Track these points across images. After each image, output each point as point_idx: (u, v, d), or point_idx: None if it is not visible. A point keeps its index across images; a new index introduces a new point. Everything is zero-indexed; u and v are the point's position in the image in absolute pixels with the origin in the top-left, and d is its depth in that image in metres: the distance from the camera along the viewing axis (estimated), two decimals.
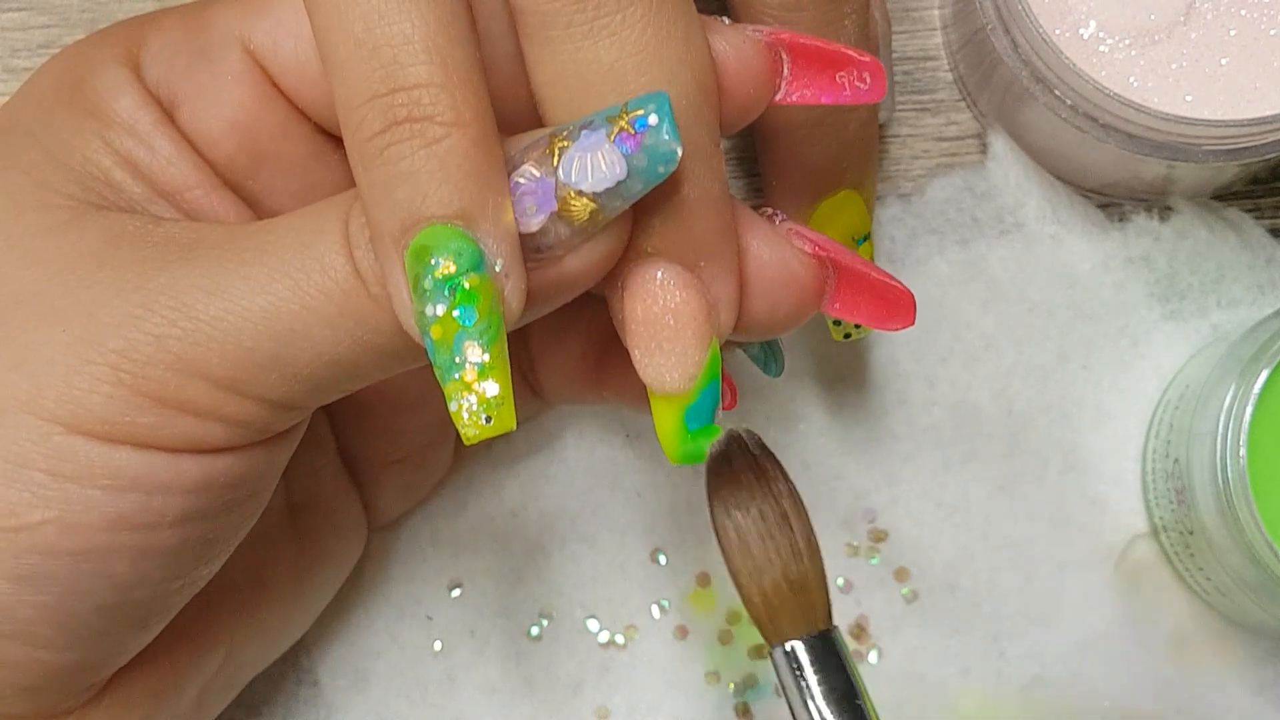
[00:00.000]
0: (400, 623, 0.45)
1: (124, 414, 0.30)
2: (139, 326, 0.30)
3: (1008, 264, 0.46)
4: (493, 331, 0.29)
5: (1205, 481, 0.41)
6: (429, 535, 0.45)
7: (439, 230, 0.29)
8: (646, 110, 0.29)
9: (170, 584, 0.33)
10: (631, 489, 0.46)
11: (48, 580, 0.31)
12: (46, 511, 0.31)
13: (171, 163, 0.34)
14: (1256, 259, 0.45)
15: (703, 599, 0.45)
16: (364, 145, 0.29)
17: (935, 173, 0.46)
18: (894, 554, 0.45)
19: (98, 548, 0.31)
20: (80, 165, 0.33)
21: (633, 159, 0.30)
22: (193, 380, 0.30)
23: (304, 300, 0.30)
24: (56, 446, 0.31)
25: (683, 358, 0.32)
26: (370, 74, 0.29)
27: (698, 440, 0.33)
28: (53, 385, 0.31)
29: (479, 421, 0.29)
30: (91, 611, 0.32)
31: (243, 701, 0.44)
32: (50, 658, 0.33)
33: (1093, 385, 0.45)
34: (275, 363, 0.31)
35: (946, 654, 0.45)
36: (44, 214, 0.32)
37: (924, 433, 0.46)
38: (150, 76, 0.35)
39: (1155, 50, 0.41)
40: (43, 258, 0.32)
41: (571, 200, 0.30)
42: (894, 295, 0.35)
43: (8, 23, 0.46)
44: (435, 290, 0.29)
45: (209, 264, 0.31)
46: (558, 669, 0.45)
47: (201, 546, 0.33)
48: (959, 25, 0.45)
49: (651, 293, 0.32)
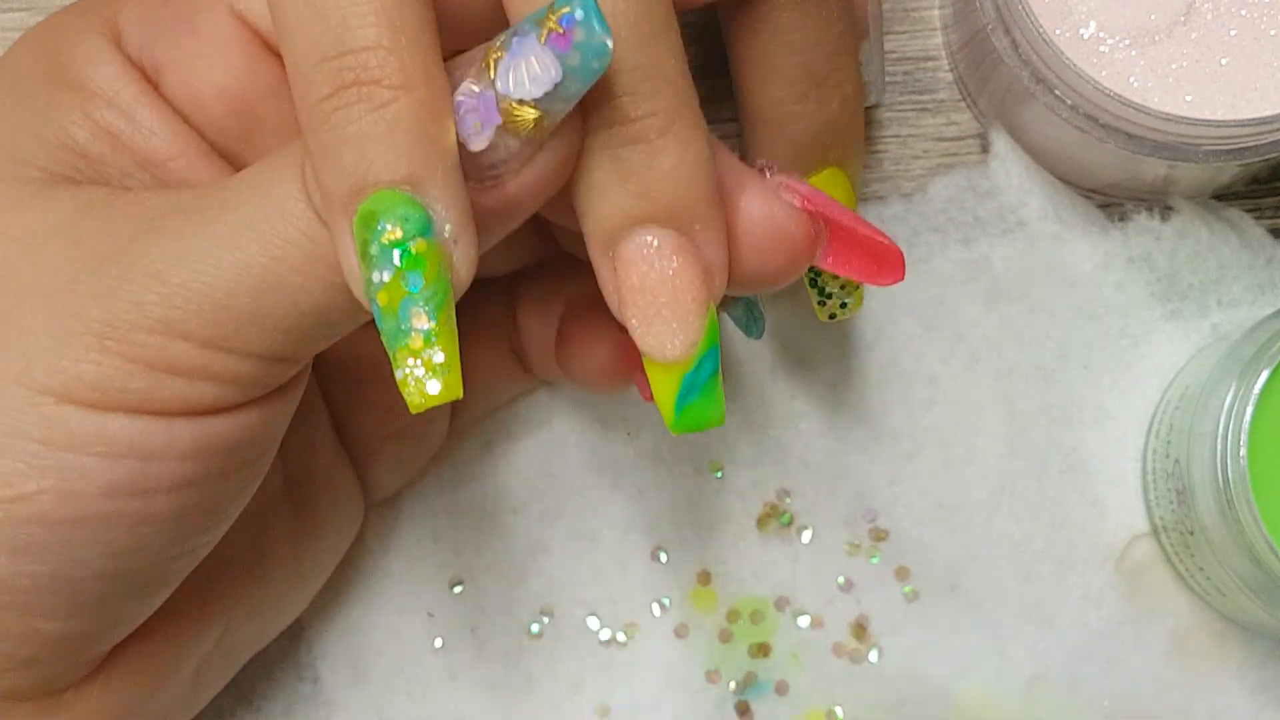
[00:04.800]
0: (401, 619, 0.45)
1: (113, 381, 0.31)
2: (118, 295, 0.30)
3: (1010, 263, 0.46)
4: (439, 298, 0.29)
5: (1206, 482, 0.41)
6: (430, 532, 0.45)
7: (387, 195, 0.29)
8: (572, 6, 0.29)
9: (169, 551, 0.33)
10: (633, 487, 0.46)
11: (45, 549, 0.31)
12: (42, 481, 0.31)
13: (154, 133, 0.34)
14: (1257, 259, 0.45)
15: (703, 597, 0.45)
16: (313, 109, 0.29)
17: (936, 172, 0.46)
18: (895, 553, 0.45)
19: (95, 515, 0.31)
20: (55, 138, 0.33)
21: (565, 58, 0.29)
22: (176, 342, 0.30)
23: (270, 251, 0.30)
24: (49, 416, 0.31)
25: (684, 324, 0.32)
26: (319, 36, 0.29)
27: (697, 408, 0.33)
28: (40, 358, 0.31)
29: (424, 389, 0.29)
30: (90, 579, 0.32)
31: (244, 698, 0.44)
32: (49, 628, 0.33)
33: (1093, 385, 0.45)
34: (253, 316, 0.31)
35: (947, 653, 0.45)
36: (15, 187, 0.33)
37: (925, 432, 0.46)
38: (132, 45, 0.35)
39: (1155, 50, 0.41)
40: (14, 234, 0.32)
41: (514, 111, 0.29)
42: (882, 251, 0.35)
43: (8, 23, 0.46)
44: (382, 256, 0.29)
45: (177, 228, 0.31)
46: (558, 666, 0.45)
47: (199, 514, 0.33)
48: (959, 26, 0.45)
49: (647, 259, 0.31)
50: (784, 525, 0.46)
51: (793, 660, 0.45)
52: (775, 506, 0.46)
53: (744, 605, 0.45)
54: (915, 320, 0.45)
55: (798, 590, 0.45)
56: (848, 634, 0.45)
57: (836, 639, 0.45)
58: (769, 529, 0.46)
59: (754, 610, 0.45)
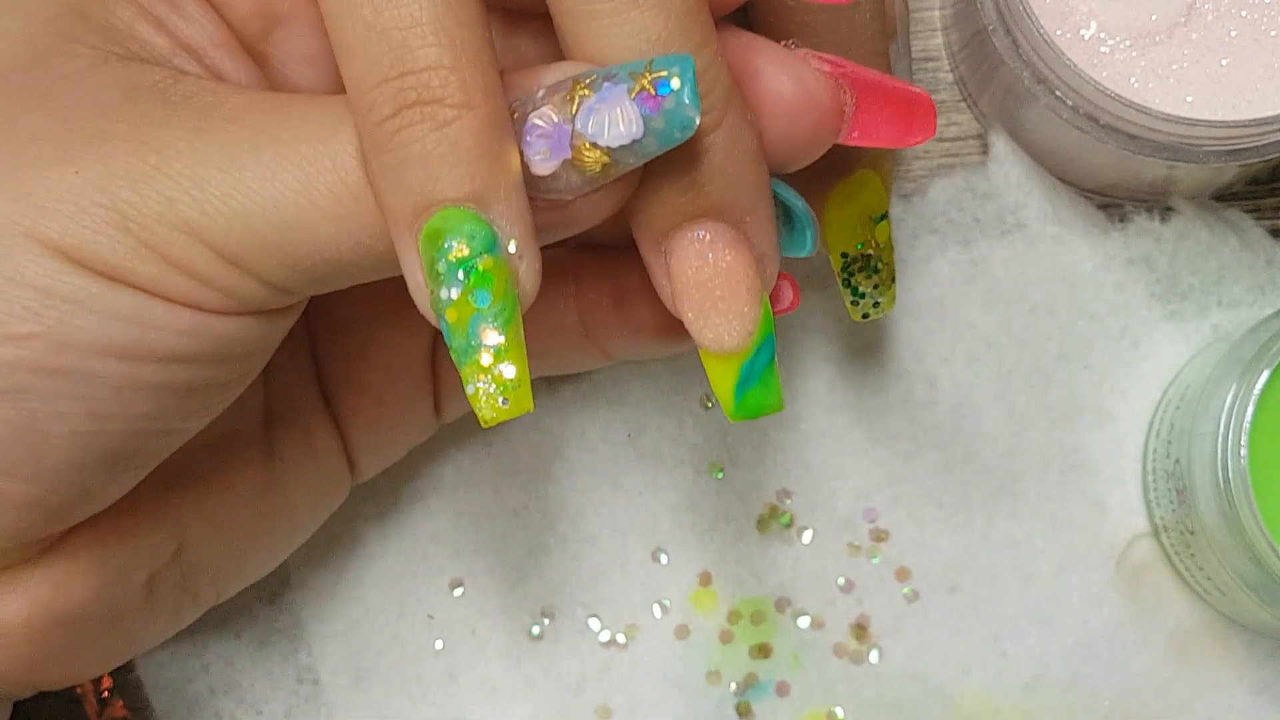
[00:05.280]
0: (401, 621, 0.45)
1: (126, 260, 0.31)
2: (152, 184, 0.31)
3: (1009, 264, 0.46)
4: (508, 313, 0.29)
5: (1206, 482, 0.41)
6: (430, 534, 0.45)
7: (452, 213, 0.29)
8: (670, 73, 0.29)
9: (147, 424, 0.33)
10: (633, 488, 0.46)
11: (27, 395, 0.31)
12: (36, 326, 0.31)
13: (194, 20, 0.34)
14: (1257, 259, 0.45)
15: (704, 598, 0.45)
16: (375, 129, 0.29)
17: (936, 173, 0.46)
18: (895, 554, 0.45)
19: (82, 370, 0.31)
20: (104, 18, 0.33)
21: (651, 120, 0.29)
22: (197, 245, 0.31)
23: (312, 196, 0.30)
24: (54, 270, 0.31)
25: (739, 316, 0.32)
26: (379, 57, 0.29)
27: (756, 395, 0.33)
28: (59, 218, 0.31)
29: (495, 404, 0.29)
30: (65, 437, 0.32)
31: (244, 699, 0.44)
32: (12, 489, 0.32)
33: (1094, 385, 0.45)
34: (276, 248, 0.31)
35: (947, 654, 0.45)
36: (66, 61, 0.32)
37: (925, 433, 0.46)
38: None
39: (1156, 51, 0.41)
40: (64, 103, 0.32)
41: (585, 151, 0.30)
42: (911, 100, 0.34)
43: None
44: (449, 273, 0.29)
45: (225, 139, 0.31)
46: (559, 668, 0.45)
47: (184, 395, 0.33)
48: (960, 26, 0.45)
49: (700, 254, 0.32)
50: (784, 526, 0.46)
51: (793, 661, 0.45)
52: (775, 507, 0.46)
53: (744, 606, 0.45)
54: (915, 321, 0.45)
55: (798, 591, 0.45)
56: (848, 635, 0.45)
57: (837, 639, 0.45)
58: (769, 530, 0.46)
59: (754, 611, 0.45)
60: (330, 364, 0.41)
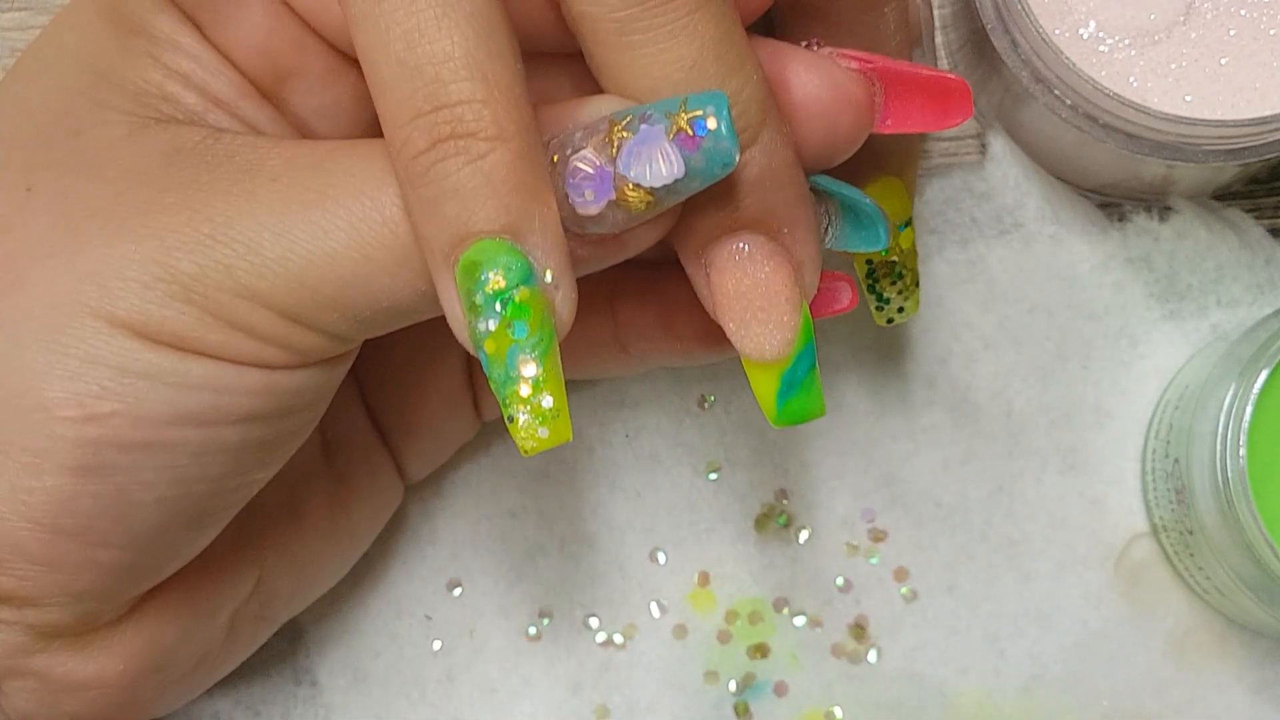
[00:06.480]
0: (399, 622, 0.45)
1: (193, 330, 0.31)
2: (209, 254, 0.31)
3: (1007, 264, 0.46)
4: (545, 344, 0.30)
5: (1205, 481, 0.41)
6: (428, 535, 0.45)
7: (488, 245, 0.30)
8: (705, 113, 0.30)
9: (228, 482, 0.34)
10: (630, 488, 0.46)
11: (112, 471, 0.32)
12: (116, 404, 0.31)
13: (218, 73, 0.35)
14: (1256, 259, 0.45)
15: (702, 598, 0.45)
16: (410, 163, 0.30)
17: (933, 173, 0.46)
18: (893, 554, 0.45)
19: (163, 441, 0.32)
20: (134, 83, 0.34)
21: (691, 159, 0.30)
22: (259, 309, 0.31)
23: (366, 251, 0.31)
24: (127, 348, 0.31)
25: (780, 326, 0.32)
26: (413, 92, 0.29)
27: (798, 403, 0.33)
28: (125, 297, 0.31)
29: (535, 434, 0.30)
30: (152, 505, 0.33)
31: (242, 701, 0.44)
32: (106, 557, 0.33)
33: (1092, 385, 0.45)
34: (336, 303, 0.31)
35: (946, 654, 0.45)
36: (105, 130, 0.33)
37: (923, 433, 0.46)
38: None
39: (1155, 50, 0.41)
40: (108, 174, 0.32)
41: (629, 191, 0.30)
42: (946, 86, 0.34)
43: (8, 23, 0.46)
44: (487, 305, 0.30)
45: (274, 200, 0.31)
46: (557, 668, 0.45)
47: (260, 448, 0.34)
48: (958, 25, 0.45)
49: (741, 266, 0.32)
50: (782, 526, 0.45)
51: (791, 661, 0.45)
52: (773, 507, 0.46)
53: (742, 606, 0.45)
54: (913, 321, 0.45)
55: (796, 591, 0.45)
56: (846, 634, 0.45)
57: (835, 639, 0.45)
58: (767, 530, 0.46)
59: (752, 611, 0.45)
60: (371, 382, 0.42)
